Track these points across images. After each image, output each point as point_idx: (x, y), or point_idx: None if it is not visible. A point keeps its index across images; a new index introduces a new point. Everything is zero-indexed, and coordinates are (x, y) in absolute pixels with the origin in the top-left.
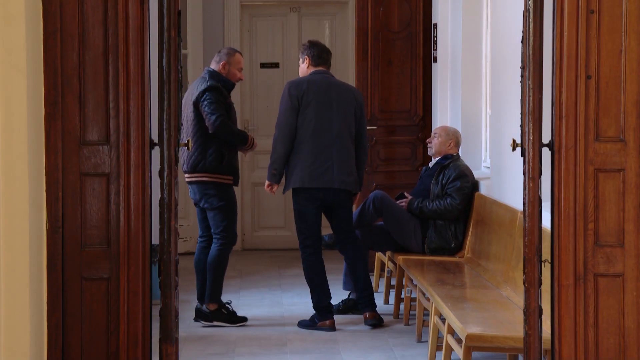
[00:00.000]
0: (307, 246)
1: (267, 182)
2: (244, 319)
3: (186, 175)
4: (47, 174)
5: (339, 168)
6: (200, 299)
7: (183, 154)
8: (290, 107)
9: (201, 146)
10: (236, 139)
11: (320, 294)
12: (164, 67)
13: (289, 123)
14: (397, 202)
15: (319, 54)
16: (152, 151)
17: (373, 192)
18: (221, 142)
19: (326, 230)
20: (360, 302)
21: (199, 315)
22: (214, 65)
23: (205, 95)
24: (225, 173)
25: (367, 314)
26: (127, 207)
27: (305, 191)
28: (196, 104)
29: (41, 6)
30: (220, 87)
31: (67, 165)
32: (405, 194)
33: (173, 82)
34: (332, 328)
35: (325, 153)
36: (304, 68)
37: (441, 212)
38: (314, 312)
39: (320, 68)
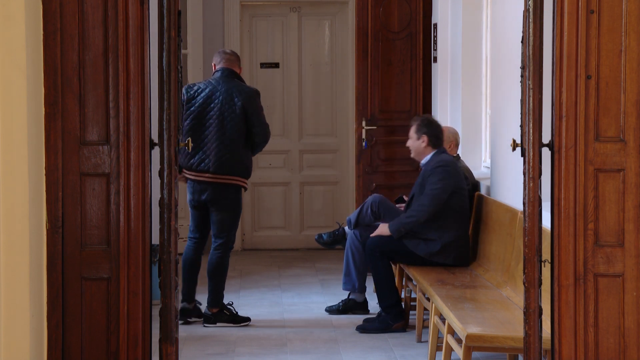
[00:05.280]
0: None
1: (386, 231)
2: (247, 319)
3: (211, 175)
4: (47, 174)
5: None
6: (188, 299)
7: (210, 153)
8: (448, 191)
9: (237, 149)
10: (261, 148)
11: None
12: (164, 67)
13: (443, 201)
14: (396, 205)
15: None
16: (152, 151)
17: (371, 196)
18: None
19: (326, 228)
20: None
21: (185, 315)
22: (234, 67)
23: (257, 102)
24: (248, 177)
25: (397, 325)
26: (127, 207)
27: None
28: (245, 107)
29: (41, 6)
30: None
31: (67, 165)
32: (404, 197)
33: (173, 82)
34: (404, 329)
35: None
36: (420, 146)
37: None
38: (384, 313)
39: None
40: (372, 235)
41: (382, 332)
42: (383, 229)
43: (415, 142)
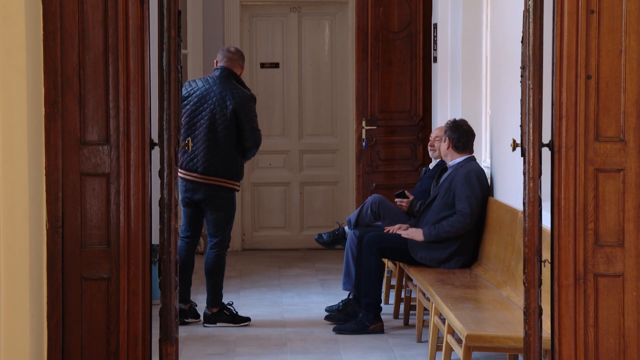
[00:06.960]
0: None
1: (420, 237)
2: (247, 319)
3: (199, 175)
4: (47, 174)
5: None
6: (183, 299)
7: (199, 154)
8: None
9: (226, 151)
10: (253, 154)
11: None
12: (164, 67)
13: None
14: (397, 200)
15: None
16: (152, 151)
17: (371, 196)
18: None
19: (326, 228)
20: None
21: (182, 315)
22: (235, 67)
23: (249, 107)
24: (238, 179)
25: (375, 326)
26: (127, 207)
27: None
28: (235, 112)
29: (41, 6)
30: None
31: (67, 165)
32: (407, 192)
33: (173, 82)
34: (382, 330)
35: None
36: (443, 148)
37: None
38: (363, 312)
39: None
40: (404, 235)
41: (359, 334)
42: (417, 234)
43: (442, 144)
